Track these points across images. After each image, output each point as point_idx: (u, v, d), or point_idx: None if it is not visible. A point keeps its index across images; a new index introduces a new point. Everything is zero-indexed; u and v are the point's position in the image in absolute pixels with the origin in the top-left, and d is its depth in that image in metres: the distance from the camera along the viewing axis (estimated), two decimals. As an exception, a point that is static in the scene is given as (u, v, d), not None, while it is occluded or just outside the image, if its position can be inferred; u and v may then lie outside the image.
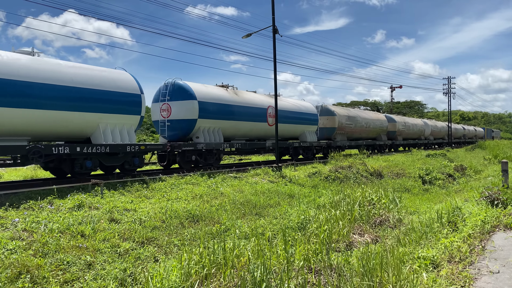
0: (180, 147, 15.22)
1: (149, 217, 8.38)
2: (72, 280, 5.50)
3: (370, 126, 32.56)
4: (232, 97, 18.22)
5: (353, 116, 30.02)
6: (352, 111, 31.48)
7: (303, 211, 9.62)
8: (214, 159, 17.03)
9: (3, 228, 6.91)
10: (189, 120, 16.15)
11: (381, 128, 34.65)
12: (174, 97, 16.39)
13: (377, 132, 34.10)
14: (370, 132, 32.87)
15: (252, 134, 19.72)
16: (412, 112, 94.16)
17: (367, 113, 34.91)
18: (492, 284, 4.79)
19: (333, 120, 27.53)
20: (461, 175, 20.24)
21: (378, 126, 33.91)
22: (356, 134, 30.69)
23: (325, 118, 27.45)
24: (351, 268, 5.43)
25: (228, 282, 4.98)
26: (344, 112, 29.36)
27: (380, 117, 35.83)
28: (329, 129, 27.55)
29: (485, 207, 8.75)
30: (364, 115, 32.62)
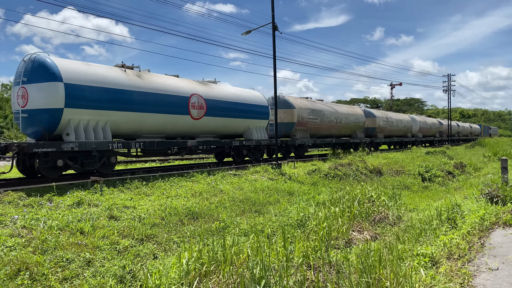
0: (31, 148, 10.87)
1: (149, 214, 8.38)
2: (71, 277, 5.50)
3: (342, 121, 27.61)
4: (132, 81, 13.53)
5: (318, 110, 25.11)
6: (317, 104, 26.13)
7: (303, 209, 9.62)
8: (99, 164, 12.75)
9: (3, 225, 6.91)
10: (51, 110, 11.50)
11: (357, 124, 29.83)
12: (32, 78, 11.69)
13: (351, 129, 29.39)
14: (341, 128, 27.95)
15: (168, 130, 15.13)
16: (412, 109, 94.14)
17: (340, 106, 29.89)
18: (491, 281, 4.80)
19: (292, 113, 22.68)
20: (461, 172, 20.24)
21: (353, 121, 29.06)
22: (323, 130, 25.97)
23: (282, 111, 22.48)
24: (350, 265, 5.43)
25: (227, 279, 4.98)
26: (306, 104, 24.38)
27: (357, 111, 30.97)
28: (287, 124, 22.81)
29: (484, 204, 8.75)
30: (334, 108, 27.54)
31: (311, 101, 26.03)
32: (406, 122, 40.44)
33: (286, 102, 22.79)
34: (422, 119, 46.46)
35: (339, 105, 30.42)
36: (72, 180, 11.14)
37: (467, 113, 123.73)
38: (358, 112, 31.04)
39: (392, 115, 37.95)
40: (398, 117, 38.85)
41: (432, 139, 49.48)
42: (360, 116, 30.66)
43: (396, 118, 37.97)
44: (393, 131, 37.02)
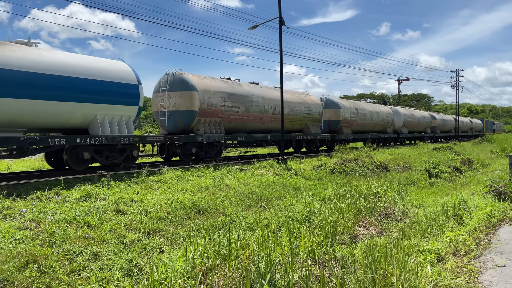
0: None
1: (155, 208, 8.43)
2: (78, 270, 5.56)
3: (291, 112, 22.97)
4: None
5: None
6: (357, 104, 30.17)
7: (308, 204, 9.62)
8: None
9: (11, 218, 6.99)
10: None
11: (309, 116, 23.62)
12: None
13: (301, 122, 23.39)
14: (292, 121, 23.83)
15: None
16: (420, 105, 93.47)
17: (286, 92, 24.56)
18: (498, 277, 4.78)
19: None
20: (468, 168, 20.12)
21: (303, 112, 23.57)
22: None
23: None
24: (355, 260, 5.44)
25: (232, 273, 5.01)
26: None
27: (311, 100, 24.73)
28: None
29: (491, 201, 8.69)
30: (265, 95, 22.56)
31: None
32: (385, 115, 34.09)
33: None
34: (408, 111, 40.39)
35: (286, 92, 22.50)
36: (81, 174, 11.22)
37: (475, 108, 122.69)
38: (312, 101, 23.79)
39: (366, 106, 32.06)
40: (374, 108, 32.75)
41: (422, 136, 42.79)
42: (314, 106, 23.67)
43: (372, 109, 31.87)
44: (367, 125, 30.97)
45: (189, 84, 15.94)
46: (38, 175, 11.95)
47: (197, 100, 15.91)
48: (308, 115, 23.01)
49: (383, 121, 33.48)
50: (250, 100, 18.71)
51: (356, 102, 31.17)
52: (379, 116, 32.60)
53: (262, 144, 21.76)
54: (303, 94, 23.89)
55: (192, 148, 15.79)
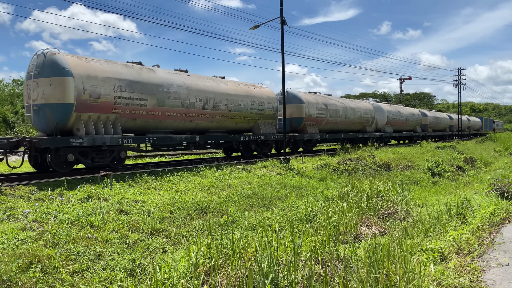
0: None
1: (158, 208, 8.44)
2: (81, 270, 5.57)
3: None
4: None
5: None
6: (327, 99, 25.41)
7: (311, 203, 9.62)
8: None
9: (15, 218, 7.02)
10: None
11: (260, 113, 18.98)
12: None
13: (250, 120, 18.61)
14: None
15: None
16: (422, 104, 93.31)
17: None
18: (501, 276, 4.76)
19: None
20: (471, 167, 20.06)
21: (257, 110, 18.97)
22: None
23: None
24: (358, 260, 5.43)
25: (235, 273, 5.01)
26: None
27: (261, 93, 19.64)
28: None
29: (494, 200, 8.68)
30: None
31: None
32: (364, 112, 29.28)
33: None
34: (393, 108, 35.75)
35: (227, 82, 18.40)
36: (83, 175, 11.24)
37: (478, 107, 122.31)
38: (263, 95, 19.29)
39: (339, 101, 27.18)
40: (349, 104, 27.96)
41: (411, 135, 38.75)
42: (266, 101, 19.23)
43: (346, 105, 27.11)
44: (340, 123, 26.39)
45: (61, 67, 11.54)
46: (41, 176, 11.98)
47: (72, 89, 11.53)
48: (258, 111, 18.54)
49: (362, 118, 28.84)
50: (167, 91, 14.11)
51: (326, 97, 26.00)
52: (355, 113, 27.85)
53: (190, 148, 16.22)
54: (252, 86, 19.24)
55: (68, 155, 11.63)
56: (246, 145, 18.45)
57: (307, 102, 22.79)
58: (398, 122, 35.49)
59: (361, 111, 28.90)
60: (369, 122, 30.21)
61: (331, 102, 25.40)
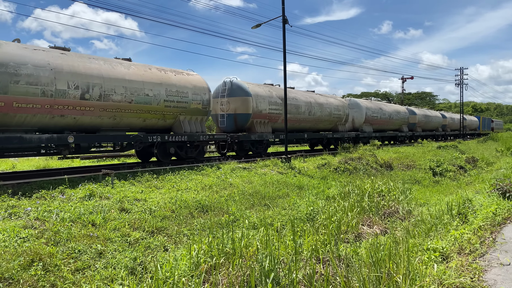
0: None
1: (159, 207, 8.45)
2: (83, 268, 5.58)
3: None
4: None
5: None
6: None
7: (312, 202, 9.62)
8: None
9: (16, 216, 7.03)
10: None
11: (183, 107, 14.45)
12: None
13: (173, 114, 14.38)
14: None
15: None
16: (424, 103, 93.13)
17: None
18: (502, 276, 4.76)
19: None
20: (473, 167, 20.03)
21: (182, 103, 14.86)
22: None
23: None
24: (359, 259, 5.43)
25: (236, 272, 5.01)
26: (268, 92, 19.79)
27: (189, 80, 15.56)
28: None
29: (496, 199, 8.65)
30: None
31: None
32: (335, 109, 25.06)
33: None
34: (374, 105, 31.42)
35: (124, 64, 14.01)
36: (85, 173, 11.25)
37: (480, 107, 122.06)
38: (188, 84, 15.18)
39: (301, 95, 22.54)
40: (316, 99, 23.48)
41: (396, 135, 34.65)
42: (191, 91, 15.08)
43: (310, 101, 22.65)
44: (303, 121, 22.29)
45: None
46: (44, 174, 12.01)
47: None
48: (178, 104, 14.56)
49: (332, 116, 24.64)
50: (14, 73, 10.32)
51: (281, 89, 21.26)
52: (323, 109, 23.62)
53: (62, 152, 12.15)
54: (171, 72, 15.01)
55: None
56: (162, 147, 14.59)
57: (255, 95, 18.71)
58: (380, 120, 31.30)
59: (331, 107, 24.55)
60: (341, 120, 25.95)
61: (290, 96, 21.01)
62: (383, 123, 31.94)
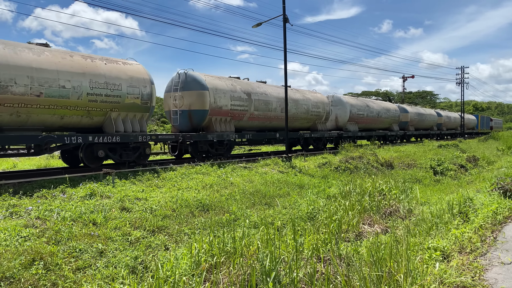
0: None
1: (160, 206, 8.45)
2: (84, 267, 5.59)
3: None
4: None
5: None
6: (252, 86, 18.74)
7: (313, 201, 9.62)
8: None
9: (17, 216, 7.04)
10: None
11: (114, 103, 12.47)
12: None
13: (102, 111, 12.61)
14: None
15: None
16: (425, 102, 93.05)
17: None
18: (503, 275, 4.76)
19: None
20: (474, 166, 20.01)
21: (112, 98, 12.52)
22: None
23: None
24: (360, 258, 5.43)
25: (237, 271, 5.01)
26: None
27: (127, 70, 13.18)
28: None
29: (497, 198, 8.65)
30: None
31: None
32: (314, 105, 22.37)
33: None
34: (360, 102, 28.78)
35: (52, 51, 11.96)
36: (86, 172, 11.27)
37: (481, 106, 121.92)
38: (124, 74, 12.87)
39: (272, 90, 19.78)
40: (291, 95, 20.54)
41: (385, 134, 32.03)
42: (127, 83, 12.84)
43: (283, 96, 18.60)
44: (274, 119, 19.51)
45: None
46: (45, 173, 12.02)
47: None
48: (110, 99, 12.30)
49: (310, 114, 22.14)
50: None
51: (251, 84, 18.90)
52: (299, 106, 21.10)
53: None
54: (101, 60, 12.61)
55: None
56: (88, 150, 12.45)
57: (213, 88, 16.19)
58: (367, 118, 28.77)
59: (308, 104, 21.88)
60: (321, 118, 23.28)
61: (259, 91, 18.59)
62: (370, 121, 29.39)
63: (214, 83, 16.53)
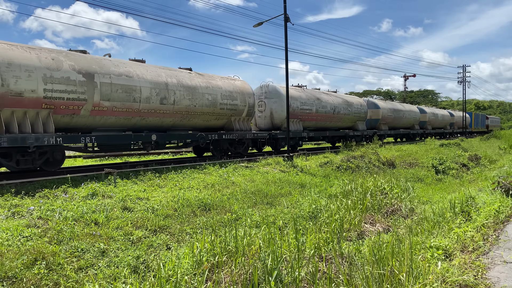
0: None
1: (162, 205, 8.46)
2: (86, 267, 5.59)
3: None
4: None
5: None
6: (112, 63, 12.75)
7: (314, 201, 9.61)
8: None
9: (19, 215, 7.05)
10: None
11: None
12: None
13: None
14: None
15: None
16: (426, 101, 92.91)
17: None
18: (506, 273, 4.74)
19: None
20: (476, 164, 19.98)
21: None
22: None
23: None
24: (362, 257, 5.42)
25: (239, 270, 5.01)
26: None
27: None
28: None
29: (499, 197, 8.63)
30: None
31: None
32: (225, 96, 16.41)
33: None
34: (307, 94, 22.48)
35: None
36: (87, 172, 11.28)
37: (483, 104, 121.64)
38: None
39: (138, 68, 13.53)
40: (192, 81, 15.16)
41: (345, 134, 25.86)
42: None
43: (183, 83, 14.71)
44: (131, 112, 12.95)
45: None
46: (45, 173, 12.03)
47: None
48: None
49: (220, 107, 16.14)
50: None
51: (111, 61, 12.98)
52: (198, 97, 15.14)
53: None
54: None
55: None
56: None
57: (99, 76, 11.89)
58: (317, 115, 22.86)
59: (216, 94, 16.07)
60: (240, 113, 17.33)
61: (114, 71, 12.49)
62: (322, 118, 23.46)
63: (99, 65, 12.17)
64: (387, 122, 32.38)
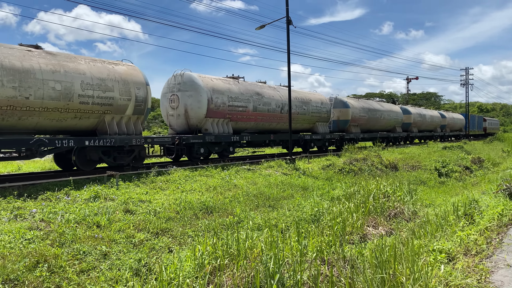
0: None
1: (164, 208, 8.45)
2: (88, 270, 5.59)
3: None
4: None
5: None
6: None
7: (317, 203, 9.59)
8: None
9: (22, 218, 7.06)
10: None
11: None
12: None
13: None
14: None
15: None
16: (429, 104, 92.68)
17: None
18: (509, 277, 4.71)
19: None
20: (479, 167, 19.90)
21: None
22: None
23: None
24: (364, 260, 5.39)
25: (241, 273, 5.00)
26: None
27: None
28: None
29: (503, 200, 8.58)
30: None
31: None
32: (98, 85, 11.98)
33: None
34: (238, 87, 17.92)
35: None
36: (90, 175, 11.29)
37: (486, 107, 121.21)
38: None
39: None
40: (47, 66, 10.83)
41: (298, 138, 21.37)
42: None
43: None
44: None
45: None
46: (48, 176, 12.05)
47: None
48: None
49: (78, 100, 11.63)
50: None
51: None
52: (35, 88, 10.65)
53: None
54: None
55: None
56: None
57: None
58: (256, 114, 18.54)
59: (74, 81, 11.54)
60: (123, 110, 13.00)
61: None
62: (265, 119, 19.08)
63: None
64: (360, 124, 27.54)
